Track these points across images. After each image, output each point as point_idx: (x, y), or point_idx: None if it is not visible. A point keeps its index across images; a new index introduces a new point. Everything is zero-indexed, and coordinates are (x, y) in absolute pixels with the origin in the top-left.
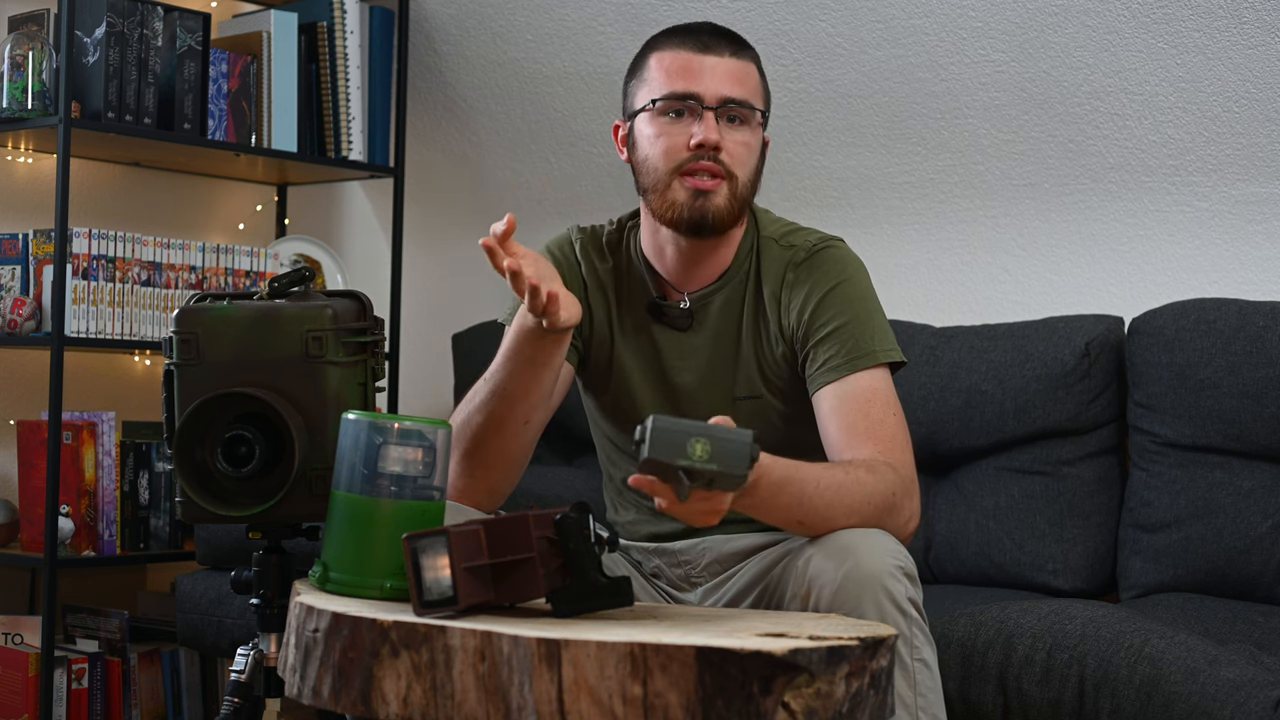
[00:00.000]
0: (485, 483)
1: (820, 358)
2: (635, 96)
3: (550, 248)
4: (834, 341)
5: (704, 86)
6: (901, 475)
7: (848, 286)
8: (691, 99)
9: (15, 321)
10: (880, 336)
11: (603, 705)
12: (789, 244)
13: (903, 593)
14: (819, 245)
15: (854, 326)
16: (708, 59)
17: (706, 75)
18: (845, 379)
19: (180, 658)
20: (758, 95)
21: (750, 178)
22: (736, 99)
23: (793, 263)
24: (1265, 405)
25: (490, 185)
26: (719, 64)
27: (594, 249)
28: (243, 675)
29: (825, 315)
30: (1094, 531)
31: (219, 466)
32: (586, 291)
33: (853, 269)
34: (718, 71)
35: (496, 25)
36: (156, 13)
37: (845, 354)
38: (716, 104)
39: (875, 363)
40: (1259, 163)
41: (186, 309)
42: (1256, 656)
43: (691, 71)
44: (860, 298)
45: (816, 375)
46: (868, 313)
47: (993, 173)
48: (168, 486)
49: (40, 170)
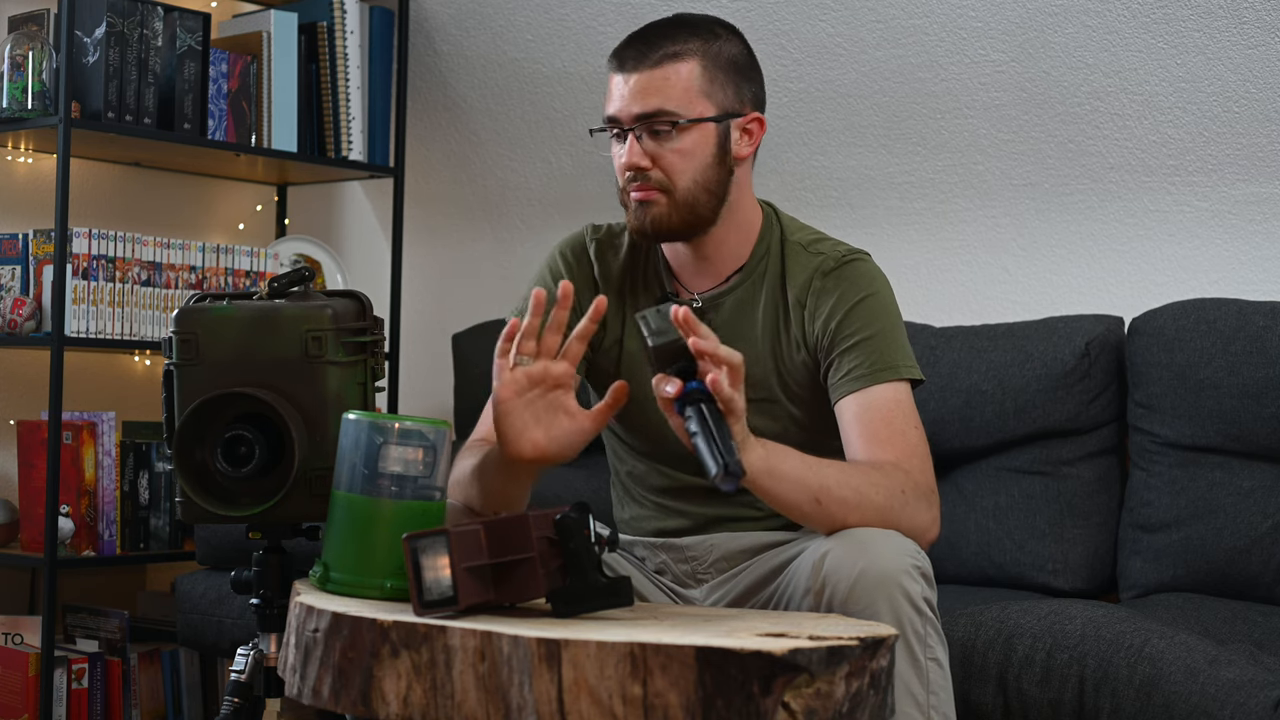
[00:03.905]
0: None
1: (845, 367)
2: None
3: (563, 250)
4: (859, 352)
5: (619, 108)
6: (914, 477)
7: (875, 301)
8: (614, 122)
9: (15, 321)
10: (903, 353)
11: (603, 705)
12: (817, 251)
13: (919, 592)
14: (849, 256)
15: (879, 340)
16: (623, 77)
17: (621, 95)
18: (868, 389)
19: (180, 658)
20: (689, 97)
21: (699, 179)
22: (649, 113)
23: (821, 270)
24: (1265, 405)
25: (490, 185)
26: (632, 81)
27: (608, 247)
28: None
29: (852, 326)
30: (1094, 531)
31: (219, 466)
32: (599, 291)
33: (880, 284)
34: (631, 89)
35: (496, 25)
36: (156, 13)
37: (869, 365)
38: (631, 123)
39: (898, 376)
40: (1259, 163)
41: (186, 309)
42: (1256, 656)
43: (613, 93)
44: (886, 313)
45: (840, 384)
46: (893, 328)
47: (993, 173)
48: (168, 486)
49: (40, 170)
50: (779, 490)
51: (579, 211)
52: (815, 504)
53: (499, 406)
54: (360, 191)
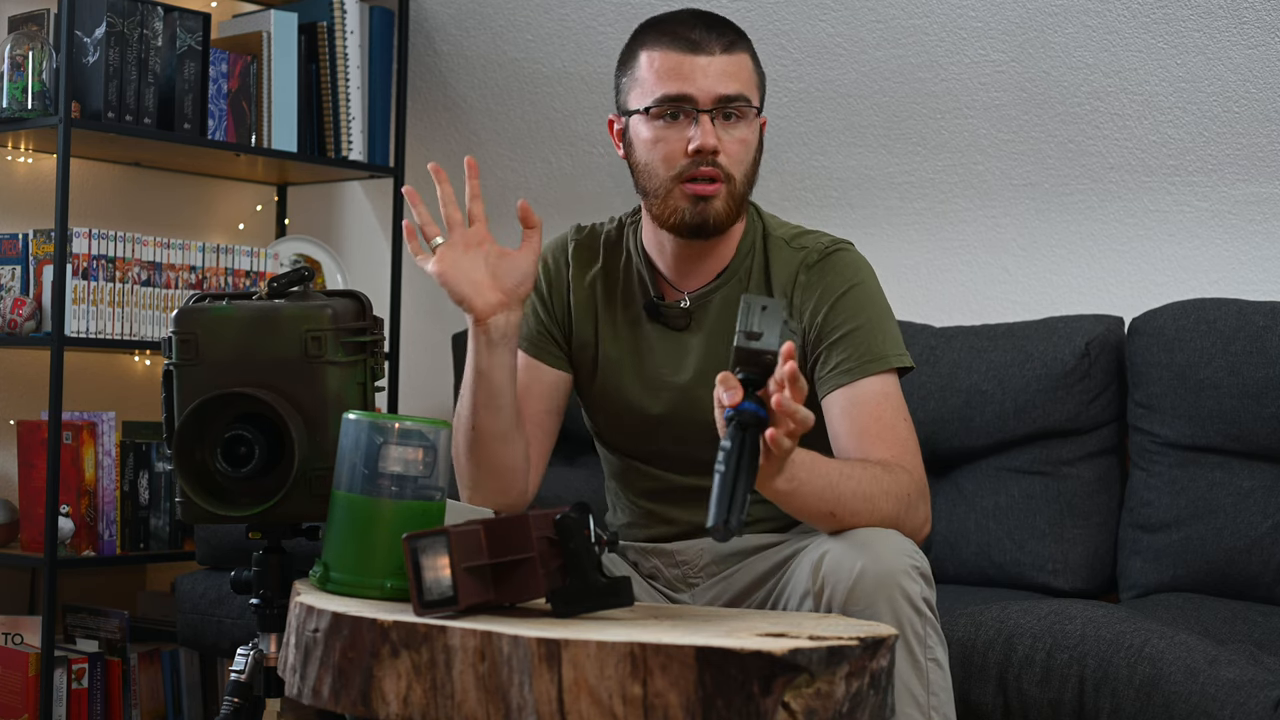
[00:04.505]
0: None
1: (832, 361)
2: (628, 95)
3: (543, 255)
4: (846, 345)
5: (697, 88)
6: (915, 478)
7: (860, 291)
8: (686, 101)
9: (15, 321)
10: (891, 341)
11: (603, 705)
12: (800, 245)
13: (918, 592)
14: (831, 248)
15: (866, 331)
16: (699, 59)
17: (699, 76)
18: (856, 383)
19: (180, 658)
20: (752, 87)
21: (748, 173)
22: (731, 95)
23: (805, 264)
24: (1265, 405)
25: (490, 185)
26: (711, 63)
27: (587, 250)
28: (243, 675)
29: (838, 319)
30: (1094, 531)
31: (219, 466)
32: (570, 294)
33: (865, 273)
34: (710, 71)
35: (496, 25)
36: (156, 13)
37: (857, 358)
38: (711, 105)
39: (886, 367)
40: (1259, 163)
41: (186, 309)
42: (1256, 656)
43: (683, 73)
44: (872, 302)
45: (828, 378)
46: (879, 317)
47: (993, 173)
48: (168, 486)
49: (40, 170)
50: (794, 506)
51: (579, 212)
52: (830, 517)
53: (444, 280)
54: (360, 191)
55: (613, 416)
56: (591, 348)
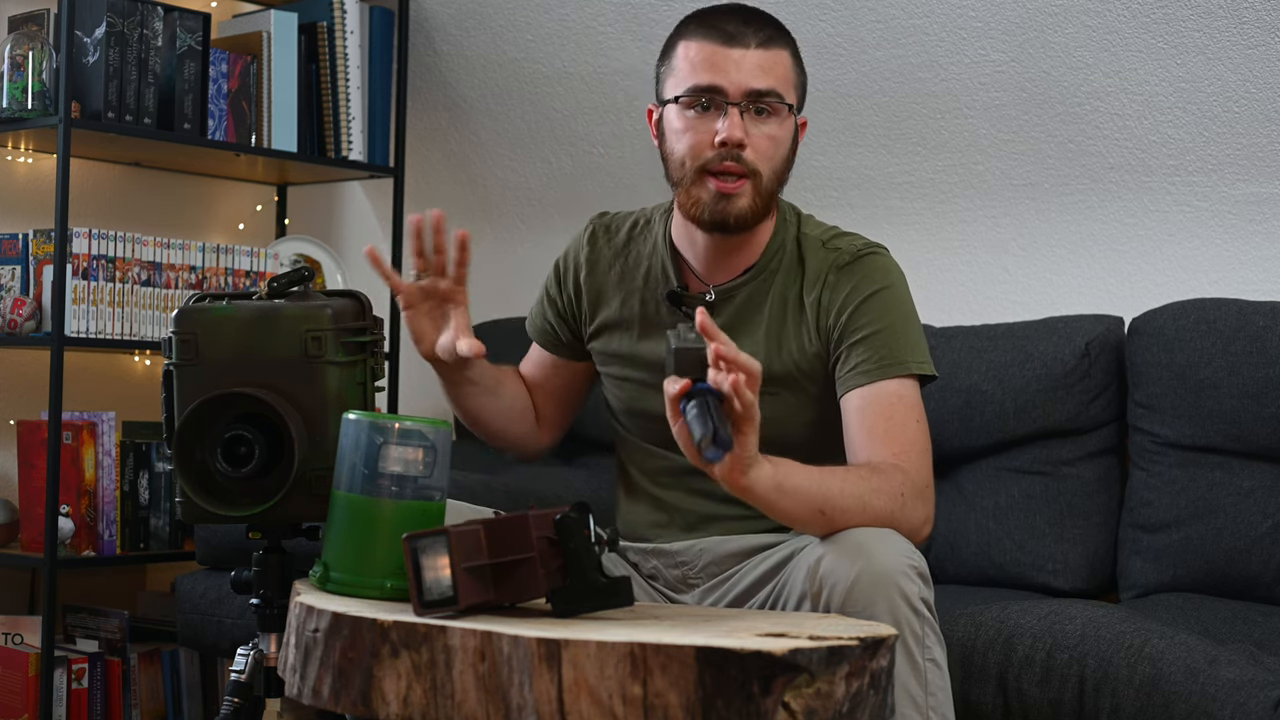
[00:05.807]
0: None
1: (852, 361)
2: (664, 84)
3: (564, 251)
4: (867, 346)
5: (728, 80)
6: (912, 477)
7: (888, 294)
8: (716, 93)
9: (15, 321)
10: (914, 348)
11: (603, 705)
12: (834, 247)
13: (916, 592)
14: (864, 250)
15: (889, 334)
16: (733, 51)
17: (731, 68)
18: (874, 384)
19: (180, 658)
20: (788, 85)
21: (777, 170)
22: (763, 90)
23: (836, 265)
24: (1265, 405)
25: (490, 185)
26: (745, 56)
27: (605, 239)
28: (243, 675)
29: (862, 320)
30: (1094, 531)
31: (219, 466)
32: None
33: (894, 277)
34: (743, 64)
35: (496, 25)
36: (156, 13)
37: (877, 360)
38: (741, 98)
39: (906, 372)
40: (1259, 163)
41: (186, 309)
42: (1256, 656)
43: (716, 64)
44: (899, 307)
45: (847, 377)
46: (904, 322)
47: (993, 173)
48: (168, 486)
49: (40, 170)
50: (785, 505)
51: (579, 212)
52: (820, 515)
53: (405, 315)
54: (360, 191)
55: (627, 400)
56: (608, 329)
